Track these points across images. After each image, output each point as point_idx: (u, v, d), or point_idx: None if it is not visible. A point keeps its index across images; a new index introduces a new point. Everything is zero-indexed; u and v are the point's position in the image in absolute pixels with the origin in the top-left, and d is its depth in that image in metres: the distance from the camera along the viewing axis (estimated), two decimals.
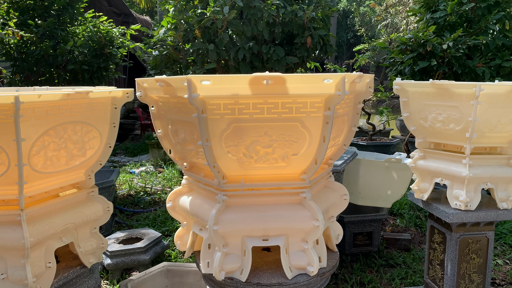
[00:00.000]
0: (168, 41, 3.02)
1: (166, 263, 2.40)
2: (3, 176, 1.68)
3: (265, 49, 2.93)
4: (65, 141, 1.84)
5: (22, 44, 4.09)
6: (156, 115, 1.55)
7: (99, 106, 1.95)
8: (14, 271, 1.77)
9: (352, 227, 3.05)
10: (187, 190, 1.60)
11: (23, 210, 1.74)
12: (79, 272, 2.06)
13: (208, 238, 1.45)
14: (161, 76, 1.37)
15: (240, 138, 1.29)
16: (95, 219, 2.09)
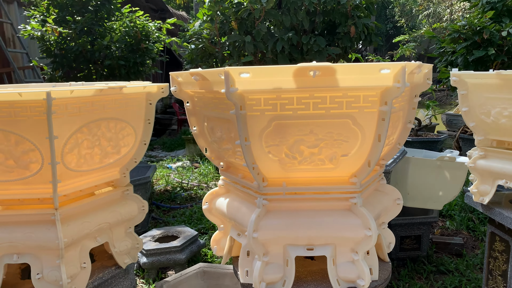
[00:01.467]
0: (204, 34, 2.93)
1: (202, 264, 2.32)
2: (37, 174, 1.65)
3: (305, 40, 2.77)
4: (99, 139, 1.79)
5: (62, 41, 4.15)
6: (191, 111, 1.45)
7: (133, 102, 1.89)
8: (49, 271, 1.74)
9: (399, 230, 2.86)
10: (224, 191, 1.50)
11: (57, 209, 1.71)
12: (114, 273, 2.02)
13: (247, 245, 1.34)
14: (196, 69, 1.27)
15: (282, 137, 1.17)
16: (130, 219, 2.04)
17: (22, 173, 1.64)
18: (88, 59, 4.03)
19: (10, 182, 1.67)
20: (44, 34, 4.31)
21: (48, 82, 4.38)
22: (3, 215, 1.72)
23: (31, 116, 1.53)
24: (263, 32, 2.79)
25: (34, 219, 1.72)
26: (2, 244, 1.68)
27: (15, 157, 1.59)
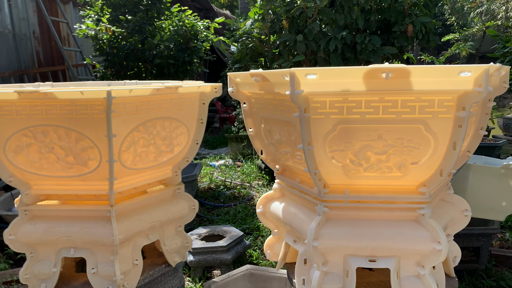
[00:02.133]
0: (254, 33, 2.91)
1: (249, 266, 2.30)
2: (95, 171, 1.68)
3: (360, 39, 2.68)
4: (154, 137, 1.81)
5: (114, 39, 4.28)
6: (248, 112, 1.42)
7: (188, 102, 1.89)
8: (104, 267, 1.77)
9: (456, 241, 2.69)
10: (279, 195, 1.46)
11: (112, 206, 1.74)
12: (164, 271, 2.04)
13: (304, 252, 1.30)
14: (257, 70, 1.23)
15: (347, 142, 1.11)
16: (180, 217, 2.05)
17: (81, 170, 1.68)
18: (138, 57, 4.13)
19: (69, 178, 1.72)
20: (97, 33, 4.47)
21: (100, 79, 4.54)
22: (62, 210, 1.77)
23: (91, 114, 1.56)
24: (316, 31, 2.72)
25: (91, 215, 1.76)
26: (60, 238, 1.74)
27: (74, 153, 1.63)
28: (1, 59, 4.96)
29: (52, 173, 1.70)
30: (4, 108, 1.56)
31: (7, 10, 5.07)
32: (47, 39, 5.88)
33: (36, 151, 1.64)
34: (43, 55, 5.79)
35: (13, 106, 1.55)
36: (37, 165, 1.67)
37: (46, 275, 1.81)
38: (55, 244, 1.76)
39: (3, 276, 2.79)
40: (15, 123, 1.58)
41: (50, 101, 1.53)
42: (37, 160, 1.66)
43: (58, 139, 1.60)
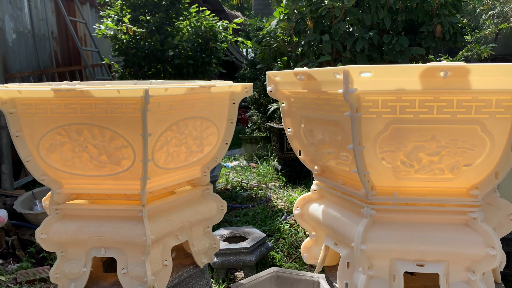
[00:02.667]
0: (278, 33, 2.88)
1: (275, 268, 2.27)
2: (128, 171, 1.67)
3: (387, 39, 2.64)
4: (186, 137, 1.79)
5: (133, 39, 4.29)
6: (287, 112, 1.39)
7: (218, 102, 1.87)
8: (134, 267, 1.76)
9: None
10: (317, 197, 1.43)
11: (144, 206, 1.72)
12: (192, 272, 2.02)
13: (347, 256, 1.26)
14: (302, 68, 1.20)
15: (399, 143, 1.08)
16: (209, 218, 2.03)
17: (114, 169, 1.67)
18: (158, 58, 4.12)
19: (101, 177, 1.71)
20: (116, 33, 4.48)
21: (118, 79, 4.54)
22: (93, 209, 1.76)
23: (126, 113, 1.54)
24: (342, 31, 2.69)
25: (122, 215, 1.74)
26: (91, 237, 1.72)
27: (108, 152, 1.62)
28: (21, 58, 5.00)
29: (85, 172, 1.69)
30: (39, 106, 1.55)
31: (27, 10, 5.12)
32: (65, 39, 5.92)
33: (69, 150, 1.63)
34: (61, 55, 5.83)
35: (48, 104, 1.55)
36: (70, 164, 1.66)
37: (76, 274, 1.80)
38: (86, 243, 1.75)
39: (25, 275, 2.80)
40: (49, 121, 1.57)
41: (85, 99, 1.52)
42: (70, 158, 1.65)
43: (92, 138, 1.59)
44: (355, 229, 1.22)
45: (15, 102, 1.55)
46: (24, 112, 1.57)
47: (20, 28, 5.02)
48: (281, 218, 3.56)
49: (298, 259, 2.94)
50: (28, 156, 1.63)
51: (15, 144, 1.59)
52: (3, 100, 1.52)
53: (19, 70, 4.94)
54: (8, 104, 1.54)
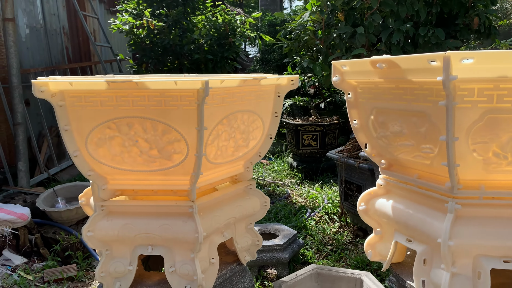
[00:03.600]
0: (309, 25, 2.83)
1: (315, 265, 2.22)
2: (179, 165, 1.61)
3: (423, 32, 2.58)
4: (235, 131, 1.74)
5: (150, 34, 4.22)
6: (353, 103, 1.34)
7: (265, 95, 1.82)
8: (182, 265, 1.70)
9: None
10: (384, 192, 1.38)
11: (194, 202, 1.67)
12: (236, 270, 1.97)
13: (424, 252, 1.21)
14: (383, 56, 1.15)
15: (494, 133, 1.03)
16: (252, 214, 1.98)
17: (164, 164, 1.61)
18: (176, 52, 4.06)
19: (149, 172, 1.65)
20: (132, 28, 4.41)
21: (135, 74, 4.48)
22: (140, 205, 1.70)
23: (181, 105, 1.49)
24: (376, 23, 2.63)
25: (170, 211, 1.69)
26: (138, 235, 1.67)
27: (159, 147, 1.56)
28: (34, 54, 4.93)
29: (133, 167, 1.63)
30: (89, 99, 1.50)
31: (39, 5, 5.04)
32: (75, 34, 5.85)
33: (118, 144, 1.57)
34: (72, 51, 5.76)
35: (99, 97, 1.49)
36: (118, 158, 1.61)
37: (121, 273, 1.74)
38: (132, 241, 1.70)
39: (52, 274, 2.74)
40: (99, 114, 1.51)
41: (138, 91, 1.46)
42: (119, 153, 1.59)
43: (144, 132, 1.54)
44: (435, 224, 1.17)
45: (64, 94, 1.49)
46: (73, 105, 1.51)
47: (33, 23, 4.95)
48: (306, 215, 3.51)
49: (329, 256, 2.89)
50: (76, 151, 1.57)
51: (64, 139, 1.53)
52: (53, 92, 1.46)
53: (32, 65, 4.87)
54: (58, 96, 1.48)
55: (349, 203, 3.21)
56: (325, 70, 2.84)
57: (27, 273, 2.76)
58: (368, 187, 2.97)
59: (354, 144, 3.31)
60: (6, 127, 4.44)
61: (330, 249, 2.99)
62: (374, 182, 2.93)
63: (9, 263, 2.86)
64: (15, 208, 3.03)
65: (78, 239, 3.01)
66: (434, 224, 1.17)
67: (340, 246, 3.02)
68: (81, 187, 3.51)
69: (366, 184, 2.99)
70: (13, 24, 3.88)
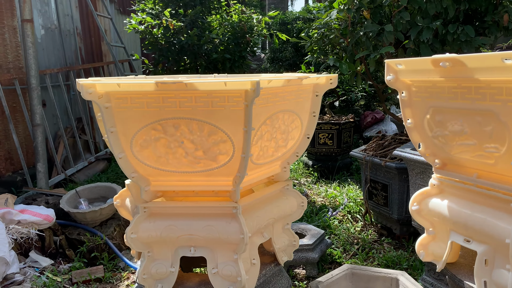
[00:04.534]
0: (335, 24, 2.81)
1: (349, 265, 2.21)
2: (223, 166, 1.61)
3: (452, 29, 2.57)
4: (276, 131, 1.73)
5: (167, 34, 4.21)
6: (407, 102, 1.33)
7: (304, 94, 1.81)
8: (225, 266, 1.70)
9: None
10: (437, 191, 1.36)
11: (237, 203, 1.66)
12: (274, 270, 1.97)
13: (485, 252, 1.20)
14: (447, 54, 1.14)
15: None
16: (289, 214, 1.97)
17: (209, 165, 1.60)
18: (195, 52, 4.05)
19: (193, 173, 1.65)
20: (148, 28, 4.40)
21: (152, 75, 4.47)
22: (182, 207, 1.70)
23: (228, 106, 1.48)
24: (405, 21, 2.62)
25: (212, 212, 1.69)
26: (182, 236, 1.67)
27: (205, 148, 1.56)
28: (49, 55, 4.92)
29: (177, 168, 1.63)
30: (135, 100, 1.49)
31: (54, 5, 5.04)
32: (88, 35, 5.85)
33: (164, 146, 1.56)
34: (85, 51, 5.76)
35: (145, 98, 1.48)
36: (163, 160, 1.60)
37: (163, 275, 1.74)
38: (174, 242, 1.70)
39: (80, 275, 2.74)
40: (145, 116, 1.51)
41: (185, 92, 1.46)
42: (164, 154, 1.59)
43: (190, 133, 1.53)
44: (499, 225, 1.15)
45: (110, 96, 1.48)
46: (119, 106, 1.51)
47: (47, 24, 4.95)
48: (329, 214, 3.50)
49: (356, 255, 2.88)
50: (121, 152, 1.56)
51: (109, 140, 1.53)
52: (100, 94, 1.46)
53: (47, 66, 4.87)
54: (104, 98, 1.47)
55: (374, 201, 3.20)
56: (351, 68, 2.83)
57: (54, 274, 2.76)
58: (394, 186, 2.97)
59: (379, 143, 3.29)
60: (24, 128, 4.45)
61: (357, 248, 2.98)
62: (401, 181, 2.93)
63: (36, 264, 2.86)
64: (41, 209, 3.03)
65: (103, 241, 3.01)
66: (498, 225, 1.16)
67: (366, 245, 3.01)
68: (103, 188, 3.51)
69: (392, 183, 2.98)
70: (31, 25, 3.88)
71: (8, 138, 4.26)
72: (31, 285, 2.60)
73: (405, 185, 2.92)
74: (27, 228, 2.89)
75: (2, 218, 2.81)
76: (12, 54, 4.28)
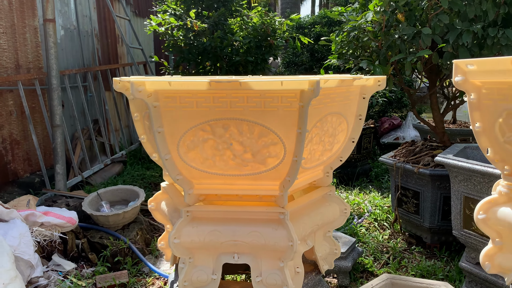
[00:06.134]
0: (368, 26, 2.75)
1: (389, 275, 2.14)
2: (272, 170, 1.55)
3: (493, 32, 2.50)
4: (324, 134, 1.67)
5: (189, 35, 4.17)
6: (476, 105, 1.26)
7: (352, 96, 1.75)
8: (269, 274, 1.64)
9: None
10: (506, 199, 1.30)
11: (284, 208, 1.60)
12: (315, 280, 1.90)
13: None
14: None
15: None
16: (332, 221, 1.91)
17: (256, 168, 1.55)
18: (217, 54, 4.00)
19: (239, 177, 1.59)
20: (168, 30, 4.37)
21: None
22: (226, 211, 1.64)
23: (281, 107, 1.43)
24: (442, 23, 2.55)
25: (258, 217, 1.63)
26: (226, 242, 1.61)
27: (254, 150, 1.50)
28: (67, 56, 4.91)
29: (224, 171, 1.57)
30: (184, 100, 1.44)
31: (73, 6, 5.03)
32: (105, 36, 5.84)
33: (211, 147, 1.51)
34: (101, 52, 5.74)
35: (195, 98, 1.43)
36: (209, 162, 1.54)
37: (203, 282, 1.68)
38: (217, 248, 1.64)
39: (105, 280, 2.69)
40: (194, 116, 1.45)
41: (237, 92, 1.40)
42: (211, 156, 1.53)
43: (239, 134, 1.47)
44: None
45: (158, 94, 1.43)
46: (167, 106, 1.45)
47: (67, 24, 4.93)
48: (355, 222, 3.42)
49: (388, 265, 2.80)
50: (167, 153, 1.51)
51: (157, 141, 1.47)
52: (149, 92, 1.40)
53: (66, 67, 4.85)
54: (153, 96, 1.42)
55: (403, 209, 3.12)
56: (385, 72, 2.76)
57: (78, 279, 2.71)
58: (426, 194, 2.89)
59: (409, 149, 3.22)
60: (42, 129, 4.42)
61: (387, 257, 2.90)
62: (434, 188, 2.85)
63: (59, 268, 2.81)
64: (63, 212, 2.98)
65: (127, 245, 2.95)
66: None
67: (396, 254, 2.93)
68: (124, 191, 3.46)
69: (425, 190, 2.90)
70: (53, 25, 3.86)
71: (27, 139, 4.22)
72: None
73: (439, 193, 2.85)
74: (50, 230, 2.84)
75: (26, 220, 2.76)
76: (32, 54, 4.26)
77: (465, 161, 2.07)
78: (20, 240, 2.53)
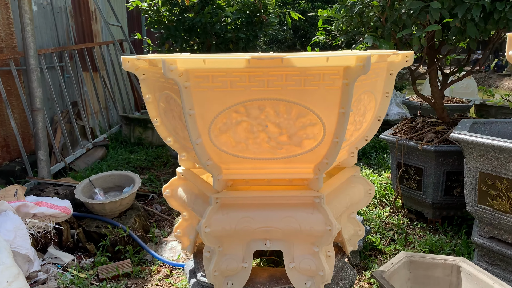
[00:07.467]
0: (374, 1, 2.68)
1: (406, 253, 2.15)
2: (309, 152, 1.47)
3: (501, 6, 2.48)
4: (357, 113, 1.61)
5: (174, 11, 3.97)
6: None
7: (380, 72, 1.69)
8: (303, 260, 1.60)
9: None
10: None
11: (319, 192, 1.53)
12: (342, 262, 1.86)
13: None
14: None
15: None
16: (356, 202, 1.87)
17: (292, 151, 1.47)
18: (207, 31, 3.83)
19: (271, 160, 1.51)
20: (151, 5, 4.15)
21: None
22: (257, 197, 1.56)
23: (323, 85, 1.35)
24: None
25: (290, 202, 1.56)
26: (258, 229, 1.54)
27: (291, 132, 1.42)
28: (42, 34, 4.58)
29: (256, 155, 1.49)
30: (217, 79, 1.33)
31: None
32: (78, 13, 5.49)
33: (245, 130, 1.42)
34: (76, 31, 5.40)
35: (229, 77, 1.33)
36: (242, 145, 1.45)
37: (233, 271, 1.62)
38: (249, 235, 1.57)
39: (107, 270, 2.58)
40: (227, 97, 1.36)
41: (275, 70, 1.31)
42: (243, 140, 1.44)
43: (276, 116, 1.39)
44: None
45: (189, 74, 1.31)
46: (198, 86, 1.34)
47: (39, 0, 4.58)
48: None
49: (394, 242, 2.82)
50: (198, 138, 1.41)
51: (187, 124, 1.36)
52: (180, 71, 1.29)
53: (41, 46, 4.53)
54: (184, 76, 1.30)
55: (405, 186, 3.14)
56: (390, 47, 2.72)
57: (78, 271, 2.58)
58: (430, 170, 2.91)
59: (409, 126, 3.22)
60: (20, 113, 4.14)
61: (392, 233, 2.92)
62: (437, 164, 2.87)
63: (56, 260, 2.67)
64: (56, 201, 2.82)
65: (127, 233, 2.83)
66: None
67: (401, 231, 2.96)
68: (117, 177, 3.30)
69: (428, 167, 2.92)
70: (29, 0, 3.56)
71: (3, 124, 3.95)
72: (57, 284, 2.41)
73: (442, 168, 2.87)
74: (44, 221, 2.67)
75: (18, 211, 2.59)
76: (4, 32, 3.94)
77: (482, 137, 2.07)
78: (16, 234, 2.37)
